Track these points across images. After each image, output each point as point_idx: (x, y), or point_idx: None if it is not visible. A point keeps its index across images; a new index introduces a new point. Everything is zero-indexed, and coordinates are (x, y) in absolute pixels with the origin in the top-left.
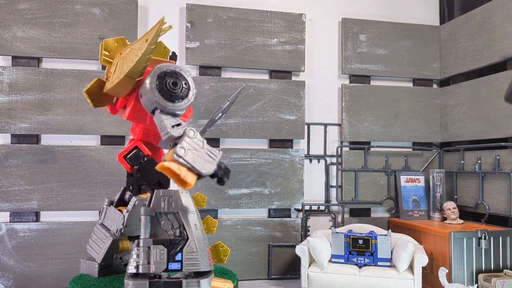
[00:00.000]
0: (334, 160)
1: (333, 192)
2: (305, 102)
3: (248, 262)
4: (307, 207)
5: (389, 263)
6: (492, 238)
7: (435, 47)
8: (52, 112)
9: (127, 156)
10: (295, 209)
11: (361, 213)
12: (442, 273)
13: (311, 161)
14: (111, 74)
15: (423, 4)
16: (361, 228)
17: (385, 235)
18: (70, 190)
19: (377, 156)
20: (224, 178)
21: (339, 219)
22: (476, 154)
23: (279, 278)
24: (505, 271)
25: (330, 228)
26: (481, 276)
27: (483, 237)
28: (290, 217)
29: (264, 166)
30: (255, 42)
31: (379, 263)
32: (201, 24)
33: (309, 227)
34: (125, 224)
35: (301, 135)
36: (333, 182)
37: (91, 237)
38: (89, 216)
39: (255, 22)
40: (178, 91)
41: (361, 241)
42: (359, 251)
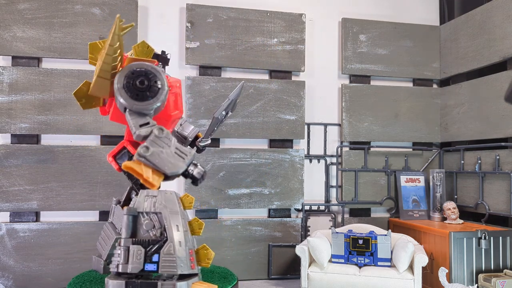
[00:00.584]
0: (334, 160)
1: (333, 192)
2: (305, 102)
3: (248, 262)
4: (307, 207)
5: (389, 263)
6: (492, 238)
7: (435, 47)
8: (52, 112)
9: (116, 156)
10: (295, 209)
11: (361, 213)
12: (442, 273)
13: (311, 161)
14: None
15: (423, 4)
16: (361, 228)
17: (385, 235)
18: (70, 190)
19: (377, 156)
20: (194, 179)
21: (339, 219)
22: (476, 154)
23: (279, 278)
24: (505, 271)
25: (330, 228)
26: (481, 276)
27: (483, 237)
28: (290, 217)
29: (264, 166)
30: (255, 42)
31: (379, 263)
32: (201, 24)
33: (309, 227)
34: None
35: (301, 135)
36: (333, 182)
37: (100, 235)
38: (89, 216)
39: (255, 22)
40: (145, 90)
41: (361, 241)
42: (359, 251)
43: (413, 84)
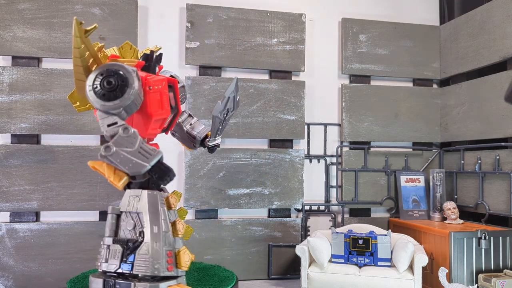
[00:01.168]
0: (334, 160)
1: (333, 192)
2: (305, 102)
3: (248, 262)
4: (307, 207)
5: (389, 263)
6: (492, 238)
7: (435, 47)
8: (52, 112)
9: None
10: (295, 209)
11: (361, 213)
12: (442, 273)
13: (311, 161)
14: None
15: (423, 4)
16: (361, 228)
17: (385, 235)
18: (70, 190)
19: (377, 156)
20: (159, 180)
21: (339, 219)
22: (476, 154)
23: (279, 278)
24: (505, 271)
25: (330, 228)
26: (481, 276)
27: (483, 237)
28: (290, 217)
29: (264, 166)
30: (255, 42)
31: (379, 263)
32: (201, 24)
33: (309, 227)
34: None
35: (301, 135)
36: (333, 182)
37: None
38: (89, 216)
39: (255, 22)
40: (112, 90)
41: (361, 241)
42: (359, 251)
43: (413, 84)
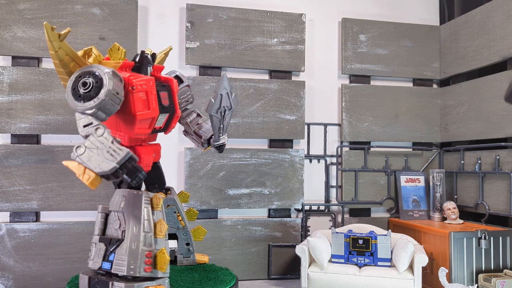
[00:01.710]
0: (334, 160)
1: (333, 192)
2: (305, 102)
3: (248, 262)
4: (307, 207)
5: (389, 263)
6: (492, 238)
7: (435, 47)
8: (52, 112)
9: None
10: (295, 209)
11: (361, 213)
12: (442, 273)
13: (311, 161)
14: None
15: (423, 4)
16: (361, 228)
17: (385, 235)
18: (70, 190)
19: (377, 156)
20: (128, 180)
21: (339, 219)
22: (476, 154)
23: (279, 278)
24: (505, 271)
25: (330, 228)
26: (481, 276)
27: (483, 237)
28: (290, 217)
29: (264, 166)
30: (255, 42)
31: (379, 263)
32: (201, 24)
33: (309, 227)
34: None
35: (301, 135)
36: (333, 182)
37: None
38: (89, 216)
39: (255, 22)
40: (87, 91)
41: (361, 241)
42: (359, 251)
43: (413, 84)
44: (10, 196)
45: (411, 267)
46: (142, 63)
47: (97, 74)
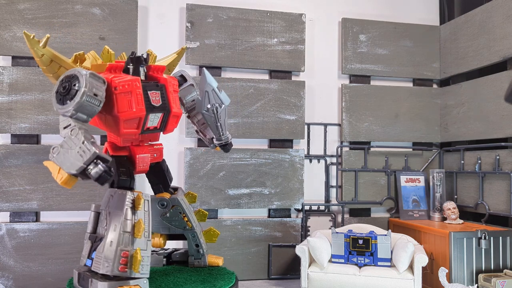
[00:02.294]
0: (334, 160)
1: (333, 192)
2: (305, 102)
3: (248, 262)
4: (307, 207)
5: (389, 263)
6: (492, 238)
7: (435, 47)
8: (52, 112)
9: None
10: (295, 209)
11: (361, 213)
12: (442, 273)
13: (311, 161)
14: None
15: (423, 4)
16: (361, 228)
17: (385, 235)
18: (70, 190)
19: (377, 156)
20: (96, 180)
21: (339, 219)
22: (476, 154)
23: (279, 278)
24: (505, 271)
25: (330, 228)
26: (481, 276)
27: (483, 237)
28: (290, 217)
29: (264, 166)
30: (255, 42)
31: (379, 263)
32: (201, 24)
33: (309, 227)
34: None
35: (301, 135)
36: (333, 182)
37: None
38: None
39: (255, 22)
40: (66, 94)
41: (361, 241)
42: (359, 251)
43: (413, 84)
44: (10, 196)
45: (411, 267)
46: (130, 64)
47: (76, 76)
